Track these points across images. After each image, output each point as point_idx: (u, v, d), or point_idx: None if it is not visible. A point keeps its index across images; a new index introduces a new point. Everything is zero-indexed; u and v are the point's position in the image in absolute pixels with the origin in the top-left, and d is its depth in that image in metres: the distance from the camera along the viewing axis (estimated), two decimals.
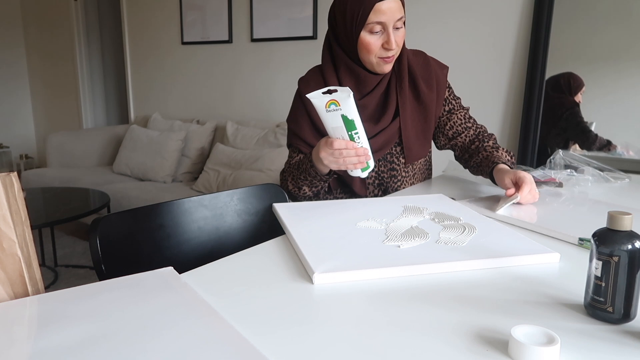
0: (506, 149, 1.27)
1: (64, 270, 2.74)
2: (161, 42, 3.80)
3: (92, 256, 0.87)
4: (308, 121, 1.21)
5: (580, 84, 2.16)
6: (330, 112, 0.98)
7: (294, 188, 1.19)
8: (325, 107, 0.98)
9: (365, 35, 1.11)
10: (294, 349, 0.52)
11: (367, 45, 1.11)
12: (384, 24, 1.09)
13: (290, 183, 1.20)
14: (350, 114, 0.97)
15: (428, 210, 0.98)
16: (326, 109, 0.98)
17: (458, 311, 0.60)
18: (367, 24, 1.09)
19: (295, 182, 1.18)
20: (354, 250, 0.77)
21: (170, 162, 3.20)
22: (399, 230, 0.86)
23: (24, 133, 4.99)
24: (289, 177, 1.20)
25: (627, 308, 0.57)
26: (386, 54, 1.12)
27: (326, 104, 0.97)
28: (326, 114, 0.98)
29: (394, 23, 1.09)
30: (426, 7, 2.50)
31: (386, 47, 1.11)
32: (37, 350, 0.49)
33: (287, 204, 1.05)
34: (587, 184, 1.28)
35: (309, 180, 1.15)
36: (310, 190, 1.18)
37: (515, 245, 0.80)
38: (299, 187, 1.18)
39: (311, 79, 1.25)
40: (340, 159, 1.00)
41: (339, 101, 0.97)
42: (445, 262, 0.73)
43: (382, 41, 1.11)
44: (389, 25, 1.09)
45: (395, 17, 1.09)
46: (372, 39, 1.11)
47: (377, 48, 1.12)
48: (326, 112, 0.98)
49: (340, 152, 1.00)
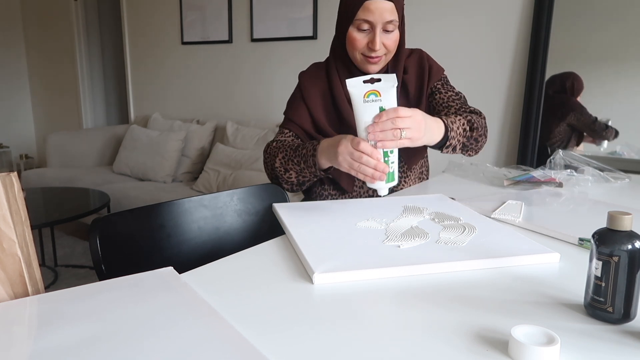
0: (473, 118, 1.15)
1: (64, 270, 2.74)
2: (161, 42, 3.80)
3: (92, 256, 0.87)
4: (307, 113, 1.21)
5: (582, 86, 2.16)
6: (367, 104, 0.87)
7: (280, 167, 1.12)
8: (363, 98, 0.86)
9: (352, 30, 1.12)
10: (294, 349, 0.52)
11: (352, 41, 1.13)
12: (371, 23, 1.09)
13: (279, 160, 1.12)
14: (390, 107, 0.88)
15: (428, 210, 0.98)
16: (364, 99, 0.87)
17: (458, 311, 0.60)
18: (355, 19, 1.10)
19: (285, 163, 1.11)
20: (354, 250, 0.77)
21: (170, 162, 3.20)
22: (399, 230, 0.86)
23: (24, 133, 4.99)
24: (280, 154, 1.12)
25: (627, 308, 0.57)
26: (369, 54, 1.13)
27: (365, 93, 0.86)
28: (362, 106, 0.87)
29: (382, 24, 1.10)
30: (426, 7, 2.50)
31: (370, 46, 1.11)
32: (37, 350, 0.49)
33: (287, 204, 1.05)
34: (587, 184, 1.28)
35: (300, 167, 1.08)
36: (297, 178, 1.12)
37: (515, 245, 0.80)
38: (285, 169, 1.11)
39: (312, 70, 1.26)
40: (356, 164, 0.91)
41: (380, 92, 0.86)
42: (445, 262, 0.73)
43: (367, 40, 1.12)
44: (377, 25, 1.09)
45: (385, 18, 1.09)
46: (358, 35, 1.12)
47: (362, 45, 1.12)
48: (363, 103, 0.87)
49: (361, 156, 0.89)
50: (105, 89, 4.75)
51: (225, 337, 0.51)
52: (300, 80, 1.26)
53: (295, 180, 1.13)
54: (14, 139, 4.89)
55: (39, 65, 4.83)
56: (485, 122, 1.21)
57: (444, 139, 1.06)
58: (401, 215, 0.95)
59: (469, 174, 1.41)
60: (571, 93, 2.20)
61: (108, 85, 4.79)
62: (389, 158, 0.91)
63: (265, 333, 0.55)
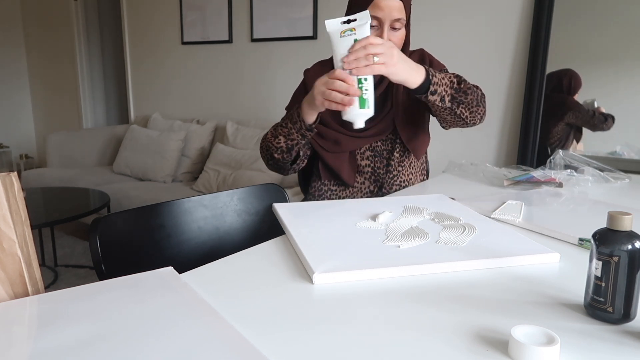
0: (462, 77, 1.14)
1: (64, 270, 2.74)
2: (161, 42, 3.80)
3: (92, 256, 0.87)
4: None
5: (579, 83, 2.16)
6: (343, 38, 0.94)
7: (271, 137, 1.17)
8: (340, 34, 0.94)
9: None
10: (294, 349, 0.52)
11: None
12: (380, 19, 1.11)
13: (270, 132, 1.18)
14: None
15: (428, 210, 0.98)
16: (340, 35, 0.94)
17: (458, 311, 0.60)
18: None
19: (275, 131, 1.17)
20: (354, 250, 0.77)
21: (170, 162, 3.20)
22: (399, 230, 0.86)
23: (24, 133, 4.99)
24: (272, 128, 1.19)
25: (627, 308, 0.57)
26: None
27: (341, 31, 0.94)
28: (339, 40, 0.94)
29: (390, 22, 1.12)
30: (426, 7, 2.50)
31: None
32: (37, 350, 0.49)
33: (287, 204, 1.05)
34: (587, 184, 1.28)
35: (288, 129, 1.13)
36: (285, 142, 1.15)
37: (515, 246, 0.80)
38: (275, 135, 1.16)
39: (317, 67, 1.28)
40: (328, 92, 0.95)
41: (355, 28, 0.94)
42: (445, 262, 0.73)
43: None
44: (385, 22, 1.12)
45: (393, 15, 1.11)
46: None
47: None
48: (339, 38, 0.94)
49: (334, 82, 0.94)
50: (105, 89, 4.75)
51: (225, 337, 0.51)
52: (306, 76, 1.28)
53: (285, 145, 1.15)
54: (14, 139, 4.89)
55: (39, 65, 4.83)
56: (481, 92, 1.18)
57: (426, 83, 1.05)
58: (401, 216, 0.95)
59: (469, 174, 1.41)
60: (568, 91, 2.19)
61: (108, 85, 4.79)
62: (362, 85, 0.95)
63: (265, 333, 0.55)
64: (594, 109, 2.13)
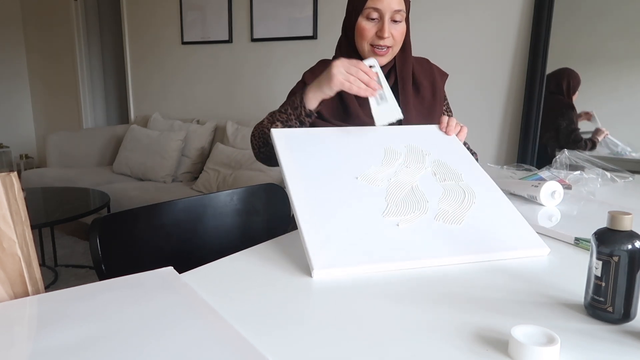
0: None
1: (64, 270, 2.74)
2: (161, 42, 3.80)
3: (92, 256, 0.87)
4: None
5: (578, 82, 2.16)
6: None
7: (267, 123, 1.14)
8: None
9: (361, 20, 1.15)
10: (294, 349, 0.52)
11: (362, 31, 1.15)
12: (380, 11, 1.12)
13: (267, 118, 1.15)
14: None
15: (430, 157, 0.99)
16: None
17: (458, 311, 0.60)
18: (365, 8, 1.13)
19: (272, 117, 1.13)
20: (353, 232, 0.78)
21: (170, 162, 3.20)
22: (399, 193, 0.87)
23: (24, 133, 4.98)
24: (269, 115, 1.15)
25: (627, 308, 0.57)
26: (378, 42, 1.14)
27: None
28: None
29: (391, 14, 1.13)
30: (426, 6, 2.50)
31: (379, 34, 1.13)
32: (37, 350, 0.49)
33: (285, 130, 1.03)
34: (595, 185, 1.27)
35: (287, 115, 1.10)
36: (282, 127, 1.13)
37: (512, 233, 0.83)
38: (272, 122, 1.12)
39: (317, 69, 1.26)
40: (352, 76, 1.00)
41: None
42: (444, 257, 0.75)
43: (376, 29, 1.14)
44: (385, 13, 1.12)
45: (393, 7, 1.12)
46: (367, 25, 1.14)
47: (371, 35, 1.14)
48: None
49: (358, 71, 0.99)
50: (105, 89, 4.75)
51: (225, 337, 0.51)
52: (305, 75, 1.26)
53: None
54: (14, 139, 4.89)
55: (39, 65, 4.83)
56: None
57: None
58: (403, 165, 0.95)
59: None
60: (567, 93, 2.19)
61: (108, 85, 4.79)
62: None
63: (265, 333, 0.55)
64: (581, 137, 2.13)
